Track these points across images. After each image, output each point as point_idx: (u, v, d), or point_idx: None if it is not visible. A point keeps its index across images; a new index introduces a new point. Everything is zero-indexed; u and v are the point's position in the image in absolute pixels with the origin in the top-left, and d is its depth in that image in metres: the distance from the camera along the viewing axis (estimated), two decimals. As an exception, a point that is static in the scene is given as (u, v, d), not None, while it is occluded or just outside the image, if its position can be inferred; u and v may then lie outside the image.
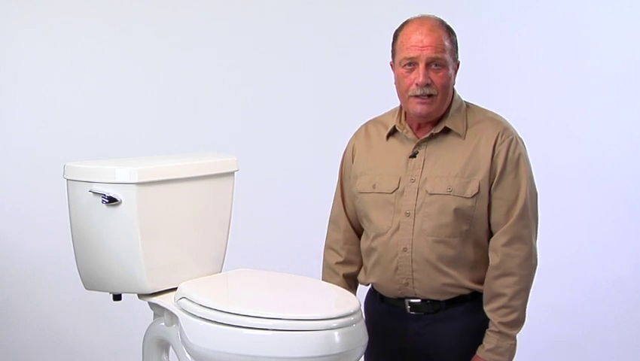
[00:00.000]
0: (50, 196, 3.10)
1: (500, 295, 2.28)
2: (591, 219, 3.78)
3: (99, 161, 2.65)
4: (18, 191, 3.49)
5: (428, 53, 2.23)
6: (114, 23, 3.55)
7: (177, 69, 3.63)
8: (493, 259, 2.28)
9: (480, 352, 2.30)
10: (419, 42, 2.24)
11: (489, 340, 2.29)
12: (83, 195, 2.53)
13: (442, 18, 2.31)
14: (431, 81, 2.24)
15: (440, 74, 2.25)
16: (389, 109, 2.45)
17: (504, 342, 2.28)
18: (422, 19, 2.29)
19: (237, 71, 3.67)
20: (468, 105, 2.37)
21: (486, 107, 2.40)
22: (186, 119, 3.62)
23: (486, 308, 2.30)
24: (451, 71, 2.28)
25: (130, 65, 3.58)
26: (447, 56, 2.25)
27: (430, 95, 2.25)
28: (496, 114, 2.37)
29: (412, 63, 2.25)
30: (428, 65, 2.24)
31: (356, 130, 2.50)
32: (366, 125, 2.49)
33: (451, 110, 2.33)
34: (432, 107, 2.27)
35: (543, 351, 3.65)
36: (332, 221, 2.55)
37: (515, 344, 2.31)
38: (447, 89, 2.27)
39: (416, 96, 2.26)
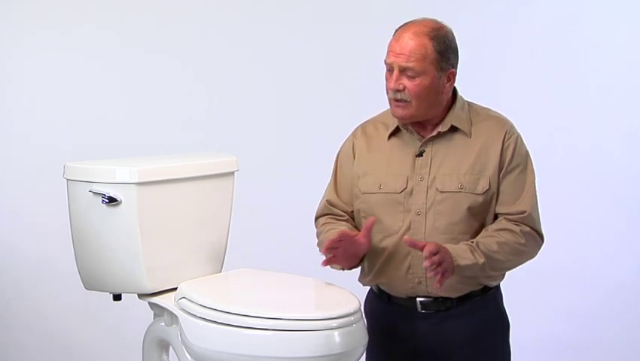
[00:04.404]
0: (50, 196, 3.09)
1: (491, 236, 2.26)
2: (592, 221, 3.77)
3: (98, 161, 2.65)
4: (18, 191, 3.49)
5: (399, 61, 2.25)
6: (114, 23, 3.56)
7: (176, 69, 3.63)
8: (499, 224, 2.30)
9: (446, 245, 2.23)
10: (395, 48, 2.26)
11: (459, 244, 2.24)
12: (83, 195, 2.53)
13: (440, 24, 2.29)
14: (404, 87, 2.25)
15: (415, 82, 2.25)
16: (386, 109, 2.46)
17: (468, 253, 2.22)
18: (409, 25, 2.29)
19: (237, 70, 3.67)
20: (470, 104, 2.38)
21: (487, 106, 2.41)
22: (186, 119, 3.62)
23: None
24: (432, 79, 2.25)
25: (129, 65, 3.58)
26: (425, 65, 2.24)
27: (404, 100, 2.26)
28: (498, 113, 2.38)
29: (390, 68, 2.28)
30: (402, 71, 2.25)
31: (354, 129, 2.50)
32: (364, 125, 2.48)
33: (455, 110, 2.33)
34: (407, 112, 2.27)
35: (543, 352, 3.65)
36: (324, 208, 2.50)
37: (471, 267, 2.22)
38: (423, 96, 2.26)
39: (393, 99, 2.28)
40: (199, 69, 3.65)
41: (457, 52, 2.31)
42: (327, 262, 2.28)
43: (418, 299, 2.32)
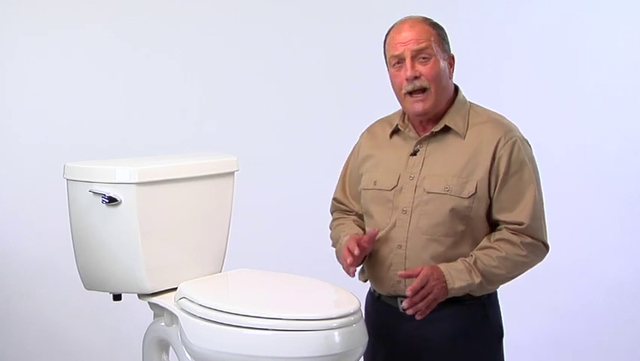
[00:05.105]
0: (50, 196, 3.10)
1: (492, 248, 2.24)
2: (592, 220, 3.78)
3: (98, 161, 2.65)
4: (18, 191, 3.49)
5: (411, 46, 2.25)
6: (115, 23, 3.56)
7: (176, 69, 3.64)
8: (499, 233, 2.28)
9: (442, 265, 2.23)
10: (402, 39, 2.27)
11: (457, 263, 2.23)
12: (83, 195, 2.54)
13: (427, 16, 2.32)
14: (420, 74, 2.25)
15: (429, 65, 2.25)
16: (391, 109, 2.46)
17: (464, 274, 2.21)
18: (404, 19, 2.32)
19: (237, 71, 3.67)
20: (473, 106, 2.37)
21: (491, 109, 2.38)
22: (186, 119, 3.62)
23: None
24: (442, 62, 2.27)
25: (130, 65, 3.58)
26: (434, 46, 2.26)
27: (423, 90, 2.26)
28: (501, 116, 2.35)
29: (399, 61, 2.27)
30: (414, 58, 2.25)
31: (363, 130, 2.51)
32: (373, 124, 2.50)
33: (453, 109, 2.32)
34: (428, 103, 2.27)
35: (543, 352, 3.65)
36: (333, 206, 2.56)
37: (466, 288, 2.22)
38: (439, 80, 2.26)
39: (410, 94, 2.27)
40: (199, 69, 3.65)
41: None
42: (353, 273, 2.30)
43: (399, 299, 2.31)
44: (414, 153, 2.33)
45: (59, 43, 3.53)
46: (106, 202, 2.48)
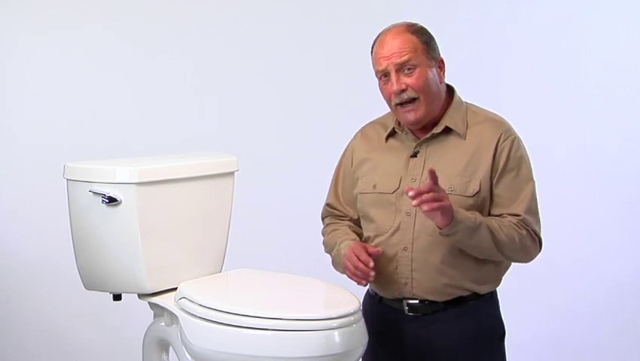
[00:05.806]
0: (50, 196, 3.10)
1: (491, 218, 2.24)
2: (592, 220, 3.78)
3: (99, 161, 2.66)
4: (18, 191, 3.49)
5: (393, 60, 2.25)
6: (115, 23, 3.56)
7: (177, 69, 3.63)
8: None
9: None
10: (384, 53, 2.27)
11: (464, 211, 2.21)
12: (83, 195, 2.54)
13: (413, 22, 2.31)
14: (407, 86, 2.25)
15: (414, 75, 2.25)
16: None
17: (466, 213, 2.19)
18: (387, 30, 2.31)
19: (237, 70, 3.67)
20: (469, 106, 2.37)
21: (490, 109, 2.39)
22: (186, 119, 3.62)
23: None
24: (428, 69, 2.27)
25: (130, 65, 3.58)
26: (418, 56, 2.25)
27: (412, 100, 2.26)
28: (498, 115, 2.36)
29: (385, 75, 2.28)
30: (398, 71, 2.25)
31: (355, 133, 2.50)
32: (364, 127, 2.49)
33: (451, 110, 2.33)
34: (420, 112, 2.27)
35: (543, 352, 3.65)
36: (325, 211, 2.55)
37: (467, 221, 2.18)
38: (428, 88, 2.26)
39: (400, 105, 2.27)
40: (199, 69, 3.65)
41: (436, 42, 2.33)
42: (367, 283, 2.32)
43: (405, 301, 2.32)
44: (414, 155, 2.33)
45: (59, 43, 3.53)
46: (106, 202, 2.48)
